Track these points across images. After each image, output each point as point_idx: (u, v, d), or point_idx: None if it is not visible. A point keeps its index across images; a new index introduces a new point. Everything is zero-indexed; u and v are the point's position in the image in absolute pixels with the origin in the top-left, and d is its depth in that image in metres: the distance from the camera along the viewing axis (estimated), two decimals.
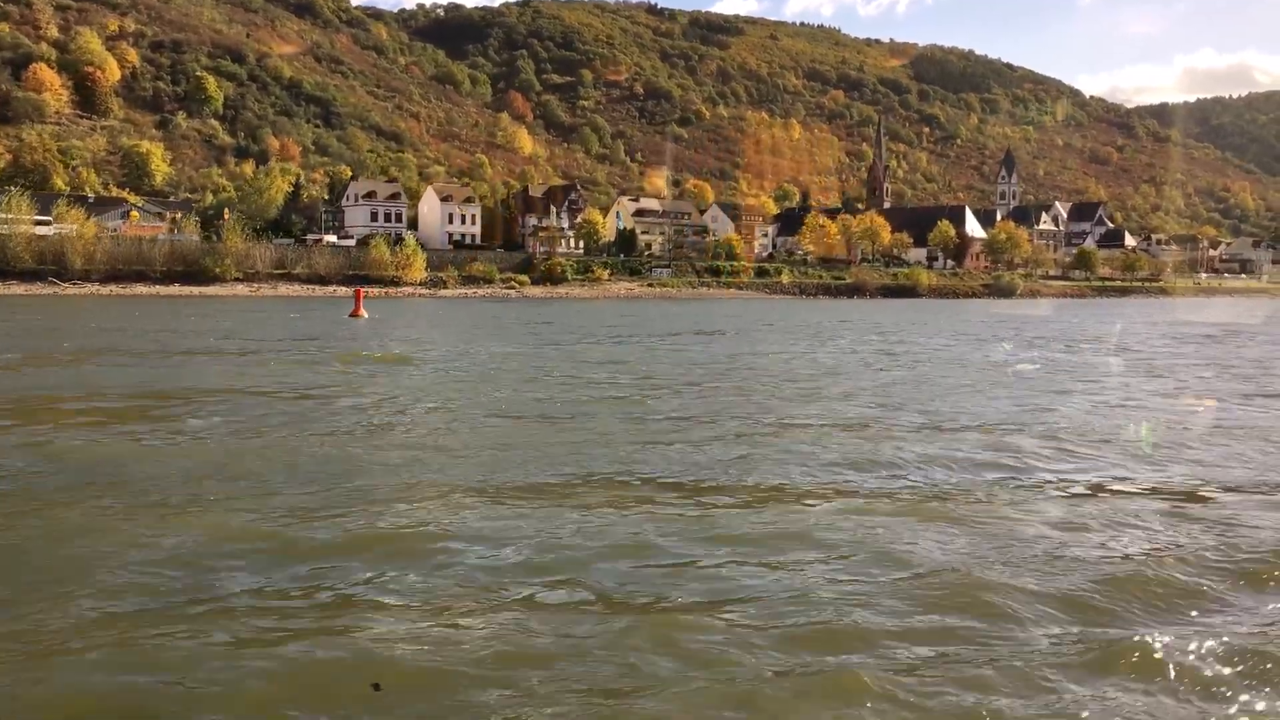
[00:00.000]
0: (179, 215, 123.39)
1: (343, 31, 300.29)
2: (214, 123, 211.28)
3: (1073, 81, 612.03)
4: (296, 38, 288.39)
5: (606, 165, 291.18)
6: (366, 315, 56.19)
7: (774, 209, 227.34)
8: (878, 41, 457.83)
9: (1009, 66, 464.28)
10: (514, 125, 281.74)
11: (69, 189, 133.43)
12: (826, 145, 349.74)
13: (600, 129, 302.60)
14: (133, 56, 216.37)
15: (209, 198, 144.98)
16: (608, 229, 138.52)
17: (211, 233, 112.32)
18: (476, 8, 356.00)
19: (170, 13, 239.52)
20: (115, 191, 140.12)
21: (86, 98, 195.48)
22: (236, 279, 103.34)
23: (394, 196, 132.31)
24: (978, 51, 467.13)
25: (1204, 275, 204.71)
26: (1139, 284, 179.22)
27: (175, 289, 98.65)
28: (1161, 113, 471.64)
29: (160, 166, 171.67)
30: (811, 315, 79.80)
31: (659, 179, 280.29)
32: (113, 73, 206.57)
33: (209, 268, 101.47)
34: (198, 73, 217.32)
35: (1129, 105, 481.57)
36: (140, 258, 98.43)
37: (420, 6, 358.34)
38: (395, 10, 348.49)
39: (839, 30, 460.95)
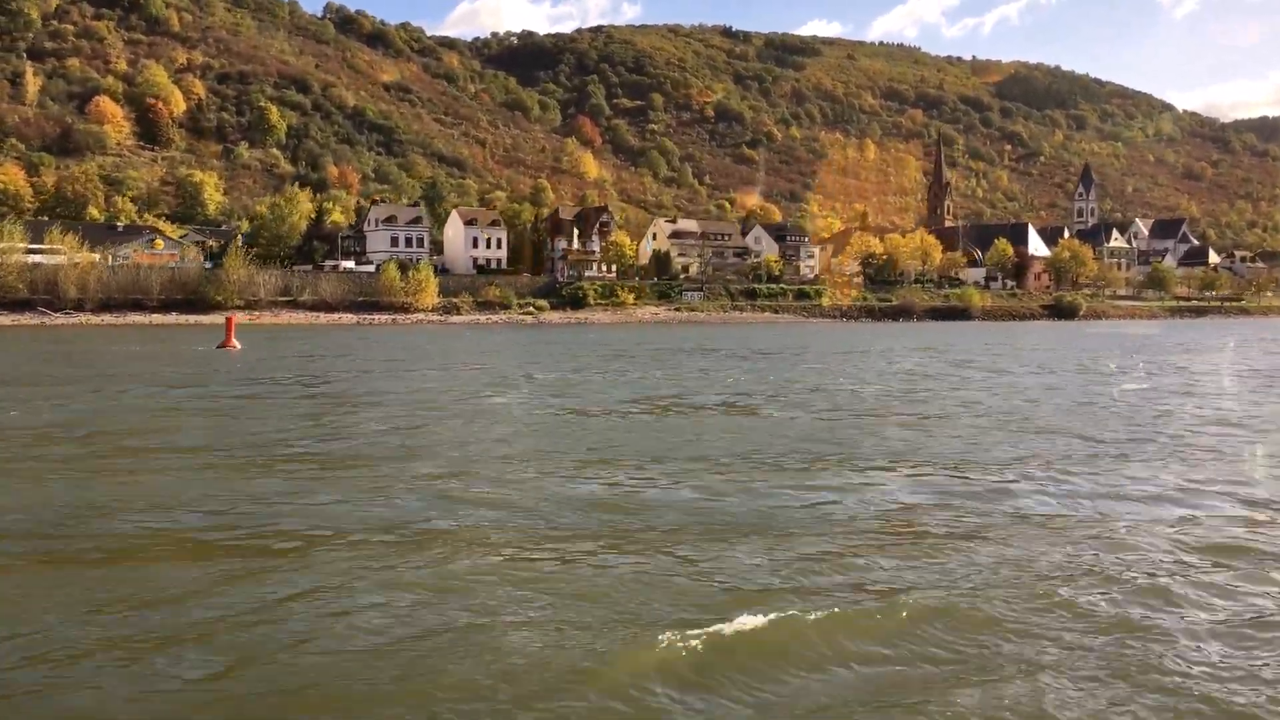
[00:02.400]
0: (209, 243, 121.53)
1: (414, 60, 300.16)
2: (275, 152, 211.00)
3: (1164, 96, 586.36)
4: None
5: (674, 189, 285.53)
6: (239, 347, 50.47)
7: (839, 229, 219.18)
8: (959, 59, 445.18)
9: (1097, 82, 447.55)
10: (580, 150, 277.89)
11: (104, 218, 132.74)
12: (903, 165, 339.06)
13: (669, 152, 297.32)
14: (199, 89, 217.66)
15: (245, 225, 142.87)
16: (634, 251, 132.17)
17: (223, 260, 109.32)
18: (549, 35, 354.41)
19: (239, 45, 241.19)
20: (150, 219, 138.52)
21: (148, 129, 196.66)
22: (237, 307, 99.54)
23: (415, 221, 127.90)
24: (1064, 68, 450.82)
25: None
26: (1217, 304, 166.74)
27: (172, 318, 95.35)
28: (1261, 127, 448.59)
29: (214, 196, 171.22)
30: (828, 343, 72.38)
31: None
32: (178, 105, 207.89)
33: (209, 295, 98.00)
34: (261, 103, 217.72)
35: (1224, 120, 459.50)
36: (136, 286, 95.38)
37: (494, 35, 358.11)
38: (470, 40, 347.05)
39: (919, 49, 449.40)
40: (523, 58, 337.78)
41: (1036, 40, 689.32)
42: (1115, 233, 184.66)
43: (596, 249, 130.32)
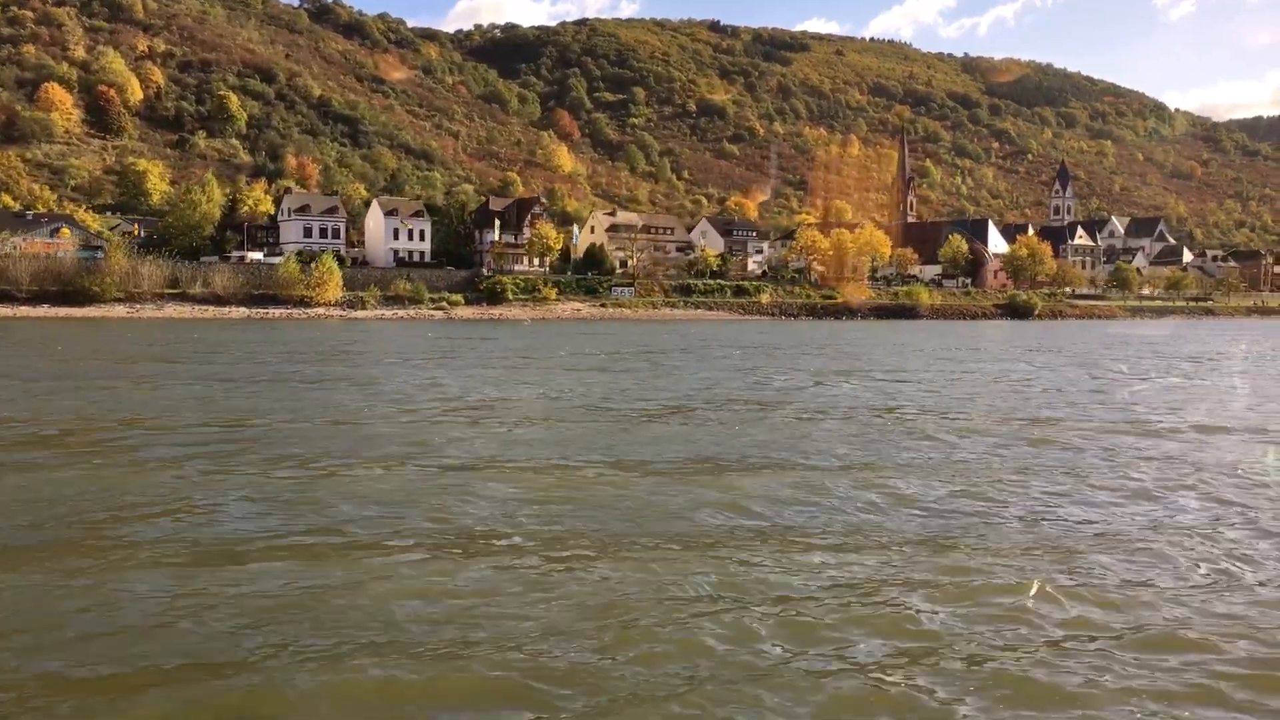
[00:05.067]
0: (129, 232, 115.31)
1: (391, 51, 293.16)
2: (235, 142, 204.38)
3: (1161, 98, 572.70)
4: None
5: (651, 183, 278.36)
6: None
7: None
8: (950, 56, 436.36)
9: (1089, 80, 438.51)
10: (555, 143, 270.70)
11: (18, 206, 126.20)
12: (888, 161, 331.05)
13: (648, 147, 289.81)
14: (158, 76, 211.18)
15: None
16: (559, 244, 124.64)
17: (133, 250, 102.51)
18: (532, 27, 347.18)
19: (204, 33, 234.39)
20: (64, 207, 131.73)
21: (99, 117, 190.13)
22: (118, 299, 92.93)
23: (331, 211, 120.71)
24: (1056, 65, 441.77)
25: (1268, 292, 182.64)
26: (1183, 304, 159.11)
27: (43, 311, 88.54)
28: (1254, 127, 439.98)
29: (158, 185, 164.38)
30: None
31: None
32: (135, 92, 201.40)
33: (86, 287, 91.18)
34: (221, 92, 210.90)
35: (1219, 121, 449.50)
36: (4, 277, 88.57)
37: (477, 27, 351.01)
38: (453, 32, 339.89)
39: (910, 46, 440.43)
40: (506, 50, 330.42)
41: (1032, 41, 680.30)
42: (1080, 230, 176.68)
43: (524, 241, 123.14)
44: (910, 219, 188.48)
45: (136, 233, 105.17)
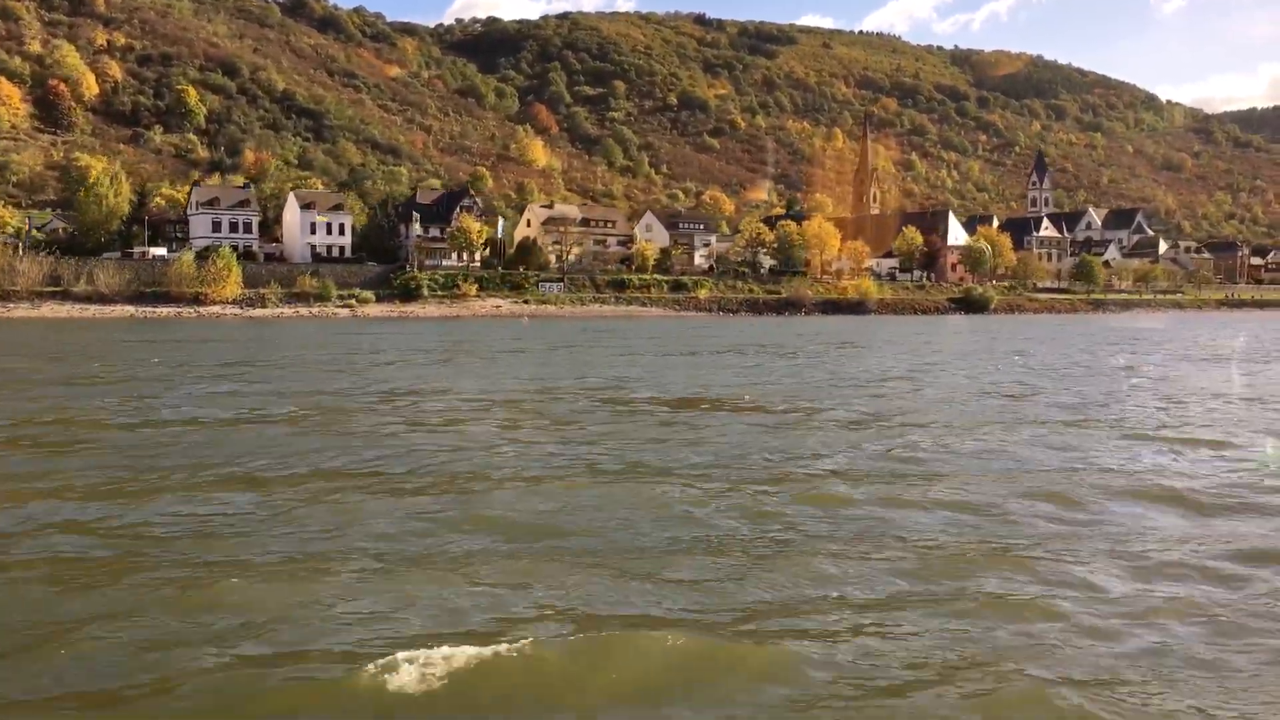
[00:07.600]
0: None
1: (365, 46, 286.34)
2: (192, 137, 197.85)
3: (1155, 92, 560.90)
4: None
5: (629, 177, 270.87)
6: None
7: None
8: (939, 49, 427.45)
9: (1080, 72, 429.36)
10: (530, 138, 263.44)
11: None
12: (872, 154, 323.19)
13: (626, 141, 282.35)
14: (115, 70, 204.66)
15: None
16: (484, 236, 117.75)
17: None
18: (514, 21, 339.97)
19: (167, 27, 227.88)
20: None
21: (49, 112, 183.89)
22: None
23: (243, 204, 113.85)
24: (1046, 57, 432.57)
25: (1243, 285, 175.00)
26: (1150, 297, 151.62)
27: None
28: (1248, 118, 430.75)
29: (102, 181, 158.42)
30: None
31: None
32: (90, 87, 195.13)
33: None
34: (180, 86, 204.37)
35: (1212, 113, 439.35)
36: None
37: (458, 21, 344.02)
38: (432, 26, 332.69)
39: (899, 39, 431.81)
40: (486, 45, 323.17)
41: (1026, 37, 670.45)
42: (1047, 222, 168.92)
43: (450, 235, 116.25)
44: (874, 211, 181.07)
45: (26, 230, 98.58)
